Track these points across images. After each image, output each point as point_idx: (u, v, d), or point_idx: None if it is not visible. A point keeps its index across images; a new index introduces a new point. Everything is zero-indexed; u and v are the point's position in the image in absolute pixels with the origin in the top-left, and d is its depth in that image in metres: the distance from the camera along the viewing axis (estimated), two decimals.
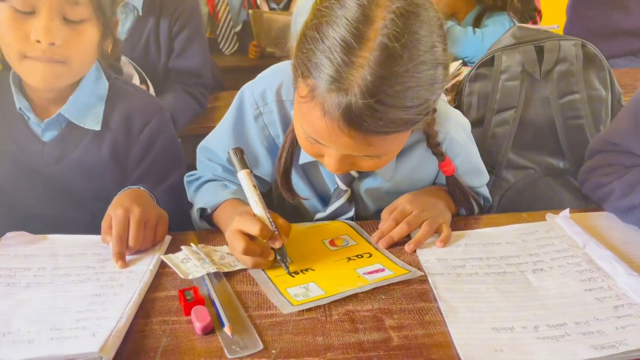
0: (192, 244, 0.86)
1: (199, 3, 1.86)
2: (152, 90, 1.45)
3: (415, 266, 0.80)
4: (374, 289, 0.74)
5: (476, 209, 1.00)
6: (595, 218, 0.93)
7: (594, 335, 0.64)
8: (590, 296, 0.71)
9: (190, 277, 0.77)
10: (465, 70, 1.80)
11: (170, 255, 0.84)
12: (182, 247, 0.84)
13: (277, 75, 0.94)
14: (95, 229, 0.87)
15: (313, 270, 0.80)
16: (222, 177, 1.00)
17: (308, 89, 0.71)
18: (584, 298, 0.71)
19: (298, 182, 0.98)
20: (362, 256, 0.83)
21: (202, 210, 0.95)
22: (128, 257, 0.83)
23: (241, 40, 2.74)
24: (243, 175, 0.83)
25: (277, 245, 0.79)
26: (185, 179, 1.04)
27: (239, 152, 0.84)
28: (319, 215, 1.00)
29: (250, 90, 0.95)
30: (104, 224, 0.85)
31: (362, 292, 0.74)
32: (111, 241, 0.82)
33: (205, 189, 0.98)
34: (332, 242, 0.88)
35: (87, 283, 0.77)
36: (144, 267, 0.80)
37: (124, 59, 1.35)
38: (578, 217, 0.91)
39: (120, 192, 0.93)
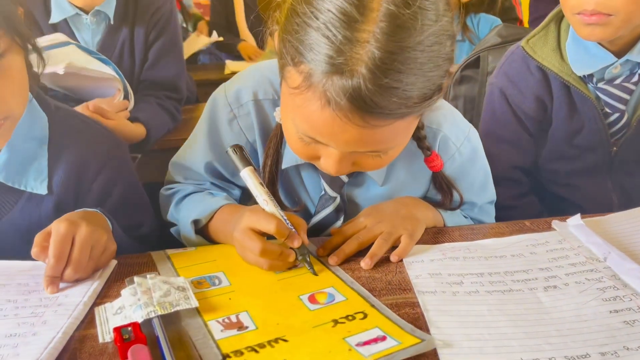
0: (135, 278, 0.66)
1: (176, 9, 1.72)
2: (131, 105, 1.34)
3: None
4: None
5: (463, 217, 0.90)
6: (610, 223, 0.81)
7: None
8: (617, 319, 0.59)
9: (108, 339, 0.59)
10: None
11: (107, 304, 0.66)
12: (123, 291, 0.65)
13: (252, 74, 0.85)
14: None
15: (285, 341, 0.58)
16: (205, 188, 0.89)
17: (302, 77, 0.61)
18: (609, 322, 0.59)
19: (279, 192, 0.87)
20: (353, 317, 0.61)
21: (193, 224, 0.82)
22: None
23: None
24: (247, 174, 0.74)
25: (295, 244, 0.71)
26: (163, 192, 0.91)
27: (238, 149, 0.75)
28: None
29: (223, 93, 0.85)
30: (37, 237, 0.70)
31: None
32: (47, 260, 0.68)
33: (190, 201, 0.86)
34: (312, 298, 0.66)
35: (3, 321, 0.62)
36: (77, 299, 0.66)
37: (109, 68, 1.23)
38: (590, 223, 0.79)
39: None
